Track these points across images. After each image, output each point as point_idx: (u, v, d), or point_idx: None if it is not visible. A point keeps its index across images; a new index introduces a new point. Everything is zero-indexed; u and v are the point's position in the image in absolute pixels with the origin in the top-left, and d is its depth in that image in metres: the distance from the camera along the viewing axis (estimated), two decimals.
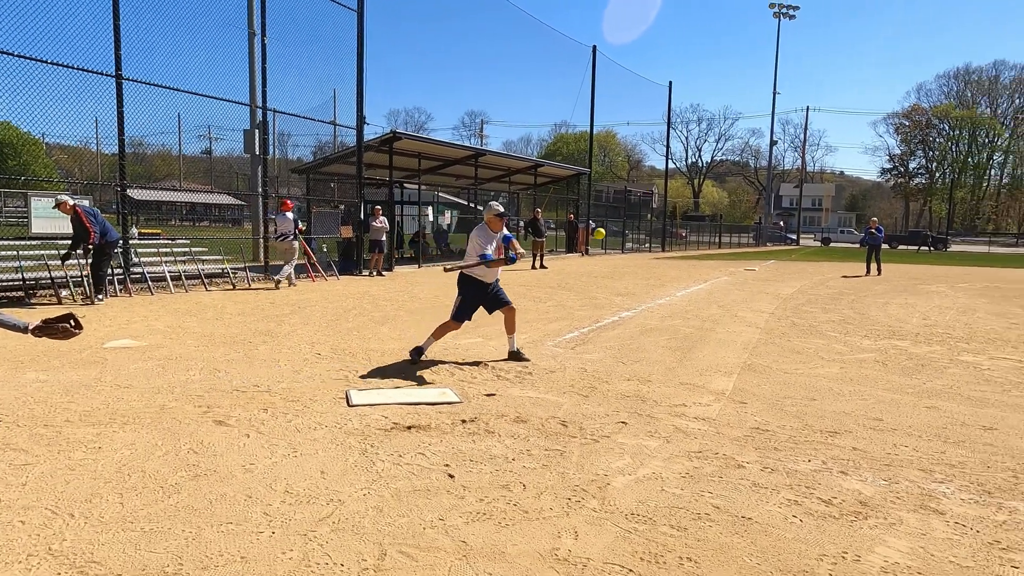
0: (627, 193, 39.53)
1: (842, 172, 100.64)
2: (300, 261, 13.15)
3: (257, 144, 14.36)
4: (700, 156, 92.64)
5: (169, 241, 13.66)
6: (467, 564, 2.55)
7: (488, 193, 27.27)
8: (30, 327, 3.55)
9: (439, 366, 5.94)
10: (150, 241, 13.72)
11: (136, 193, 15.36)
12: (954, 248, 49.87)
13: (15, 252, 10.05)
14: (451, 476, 3.41)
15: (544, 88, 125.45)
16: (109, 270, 10.19)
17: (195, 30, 12.56)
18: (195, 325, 7.95)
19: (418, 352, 6.14)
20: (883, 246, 20.20)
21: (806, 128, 72.19)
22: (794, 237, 62.34)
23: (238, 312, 9.12)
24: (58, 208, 9.47)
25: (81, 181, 13.43)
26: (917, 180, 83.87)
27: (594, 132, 33.21)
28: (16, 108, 10.28)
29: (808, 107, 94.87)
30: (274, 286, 12.28)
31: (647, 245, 37.40)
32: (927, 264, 27.69)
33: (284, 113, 14.62)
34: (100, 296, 9.64)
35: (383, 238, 15.52)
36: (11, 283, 9.81)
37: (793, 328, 8.74)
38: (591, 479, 3.42)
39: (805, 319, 9.64)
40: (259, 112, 14.07)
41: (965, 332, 8.65)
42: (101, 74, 10.42)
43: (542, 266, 19.67)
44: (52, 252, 10.07)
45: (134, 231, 14.48)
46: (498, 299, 6.27)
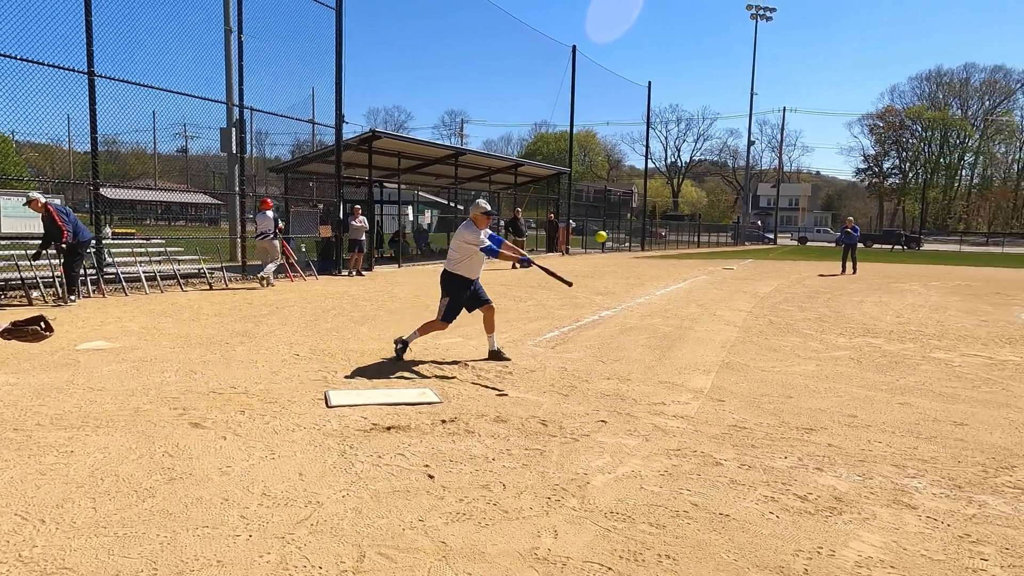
0: (607, 193, 39.70)
1: (818, 172, 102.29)
2: (280, 260, 13.05)
3: (234, 142, 14.18)
4: (679, 156, 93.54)
5: (144, 241, 13.45)
6: (446, 565, 2.54)
7: (469, 193, 27.25)
8: None
9: (419, 366, 5.92)
10: (124, 241, 13.50)
11: (109, 192, 15.09)
12: (927, 247, 50.83)
13: None
14: (431, 477, 3.40)
15: (524, 87, 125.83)
16: (82, 270, 10.00)
17: (170, 26, 12.37)
18: (171, 326, 7.84)
19: (402, 344, 6.19)
20: (859, 245, 20.52)
21: (783, 128, 73.41)
22: (772, 236, 63.16)
23: (215, 313, 9.00)
24: (29, 206, 9.27)
25: (53, 180, 13.14)
26: (891, 180, 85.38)
27: (574, 132, 33.33)
28: None
29: (785, 108, 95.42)
30: (260, 285, 12.24)
31: (627, 244, 37.60)
32: (901, 263, 28.20)
33: (261, 111, 14.46)
34: (73, 297, 9.45)
35: (363, 238, 15.44)
36: None
37: (770, 326, 8.84)
38: (571, 478, 3.43)
39: (782, 317, 9.76)
40: (236, 110, 13.89)
41: (937, 330, 8.82)
42: (72, 71, 10.21)
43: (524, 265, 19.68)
44: (22, 252, 9.85)
45: (107, 231, 14.23)
46: (479, 297, 6.26)
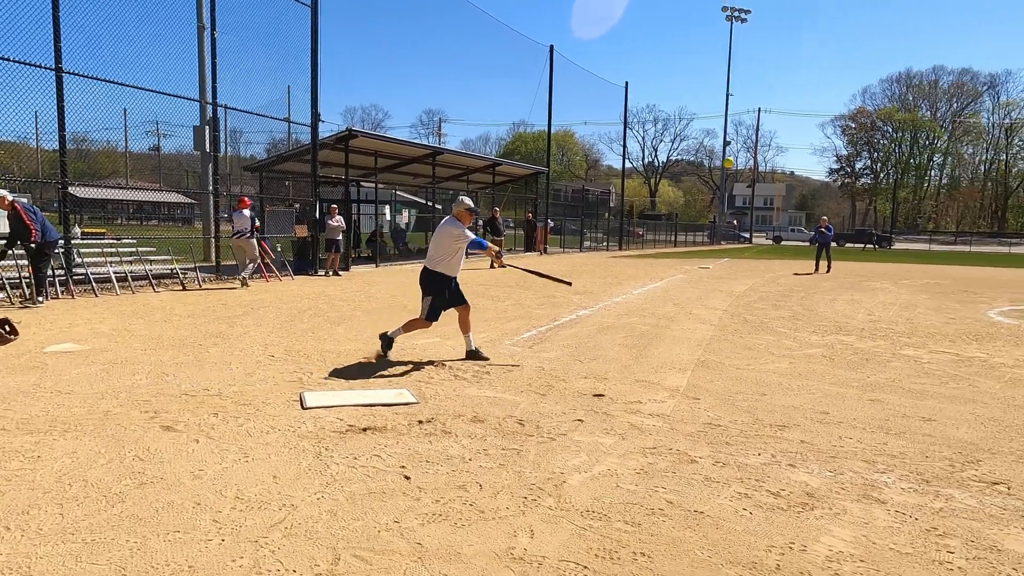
0: (585, 192, 39.88)
1: (792, 172, 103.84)
2: (259, 260, 12.91)
3: (207, 141, 13.97)
4: (656, 156, 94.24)
5: (114, 240, 13.19)
6: (422, 566, 2.53)
7: (447, 192, 27.15)
8: None
9: (396, 367, 5.89)
10: (94, 241, 13.23)
11: (79, 191, 14.78)
12: (897, 246, 51.82)
13: None
14: (407, 478, 3.39)
15: (503, 87, 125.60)
16: (50, 271, 9.78)
17: (141, 22, 12.14)
18: (142, 328, 7.70)
19: (387, 340, 6.22)
20: (832, 244, 20.84)
21: (758, 129, 74.42)
22: (747, 235, 63.96)
23: (188, 314, 8.86)
24: None
25: (20, 178, 12.85)
26: (863, 180, 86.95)
27: (552, 131, 33.42)
28: None
29: (760, 109, 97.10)
30: (241, 285, 12.16)
31: (605, 244, 37.80)
32: (872, 262, 28.72)
33: (235, 109, 14.25)
34: (40, 299, 9.24)
35: (339, 237, 15.32)
36: None
37: (745, 325, 8.95)
38: (547, 477, 3.43)
39: (757, 316, 9.88)
40: (209, 108, 13.69)
41: (907, 327, 8.99)
42: (39, 67, 9.98)
43: (500, 265, 19.70)
44: None
45: (77, 230, 13.94)
46: (456, 296, 6.25)
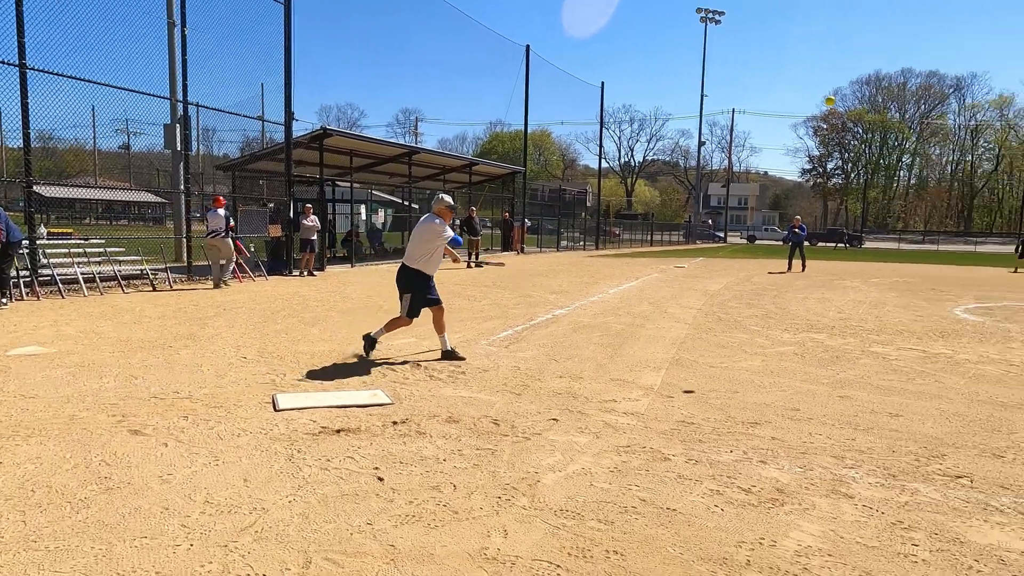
0: (562, 192, 39.96)
1: (766, 172, 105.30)
2: (235, 259, 12.74)
3: (178, 139, 13.75)
4: (632, 156, 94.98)
5: (81, 241, 12.90)
6: (395, 568, 2.52)
7: (423, 192, 27.04)
8: None
9: (371, 367, 5.85)
10: (60, 241, 12.93)
11: (45, 190, 14.42)
12: (868, 245, 52.85)
13: None
14: (380, 479, 3.37)
15: (480, 86, 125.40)
16: (14, 272, 9.55)
17: (110, 18, 11.88)
18: (110, 329, 7.55)
19: (370, 341, 6.21)
20: (805, 243, 21.14)
21: (732, 130, 75.31)
22: (722, 235, 64.70)
23: (158, 315, 8.71)
24: None
25: None
26: (834, 180, 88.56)
27: (529, 131, 33.46)
28: None
29: (734, 109, 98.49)
30: (221, 286, 12.02)
31: (581, 243, 37.95)
32: (843, 260, 29.23)
33: (207, 108, 14.05)
34: (3, 300, 9.01)
35: (314, 237, 15.17)
36: None
37: (719, 323, 9.05)
38: (521, 477, 3.44)
39: (730, 314, 10.00)
40: (180, 106, 13.46)
41: (876, 324, 9.17)
42: (1, 63, 9.73)
43: (477, 264, 19.69)
44: None
45: (42, 230, 13.63)
46: (432, 296, 6.23)
